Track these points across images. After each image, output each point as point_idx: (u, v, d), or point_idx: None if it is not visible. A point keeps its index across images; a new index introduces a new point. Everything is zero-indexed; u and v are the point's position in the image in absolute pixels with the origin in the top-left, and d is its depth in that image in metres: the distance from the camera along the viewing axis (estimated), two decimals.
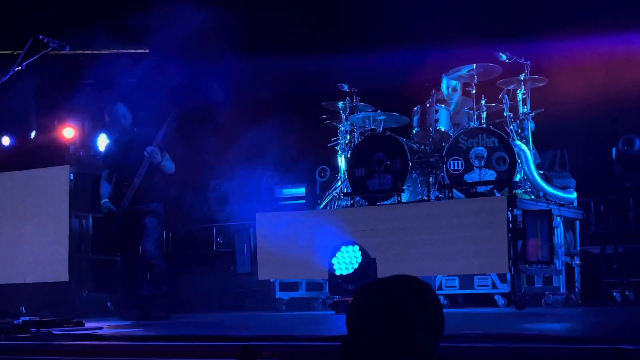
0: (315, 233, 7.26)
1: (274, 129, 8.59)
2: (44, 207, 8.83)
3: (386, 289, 2.05)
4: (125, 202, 7.02)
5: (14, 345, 4.34)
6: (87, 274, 8.99)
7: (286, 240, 7.50)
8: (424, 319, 2.01)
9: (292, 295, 7.93)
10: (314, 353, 3.50)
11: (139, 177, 6.97)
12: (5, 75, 5.60)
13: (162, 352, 3.95)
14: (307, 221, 7.54)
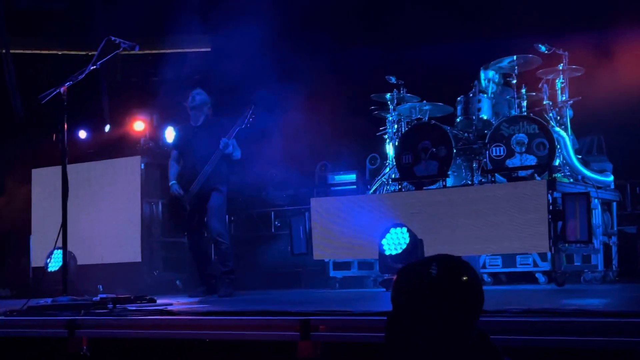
0: (365, 216, 7.27)
1: (326, 119, 8.60)
2: (118, 194, 9.00)
3: (426, 267, 2.05)
4: (195, 187, 7.02)
5: (93, 320, 4.42)
6: (158, 254, 9.12)
7: (339, 223, 7.51)
8: (462, 295, 2.00)
9: (345, 274, 7.95)
10: (367, 327, 3.51)
11: (211, 165, 6.96)
12: (82, 74, 5.66)
13: (227, 326, 3.98)
14: (358, 205, 7.54)
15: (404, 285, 2.04)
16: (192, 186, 7.03)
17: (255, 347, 3.90)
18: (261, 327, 3.82)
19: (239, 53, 8.65)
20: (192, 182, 7.04)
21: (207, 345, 4.06)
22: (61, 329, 4.33)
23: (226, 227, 7.24)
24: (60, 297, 5.20)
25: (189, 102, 7.22)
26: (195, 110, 7.22)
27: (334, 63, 9.27)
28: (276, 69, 9.00)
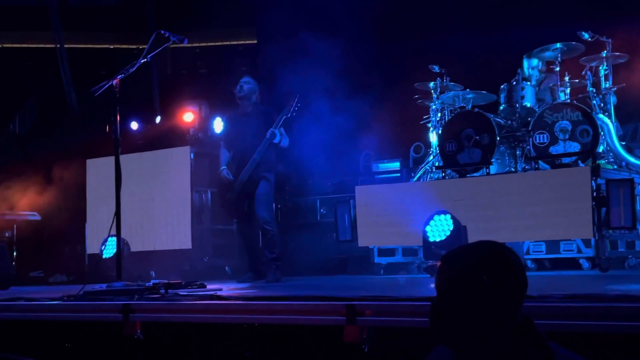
0: (409, 203, 7.24)
1: (370, 108, 8.57)
2: (168, 183, 9.11)
3: (470, 253, 2.04)
4: (244, 175, 7.07)
5: (146, 305, 4.48)
6: (208, 241, 9.20)
7: (383, 210, 7.50)
8: (506, 281, 1.99)
9: (389, 260, 7.94)
10: (411, 312, 3.51)
11: (259, 154, 7.01)
12: (133, 67, 5.73)
13: (275, 311, 4.02)
14: (402, 193, 7.52)
15: (448, 272, 2.04)
16: (241, 174, 7.08)
17: (302, 331, 3.92)
18: (308, 312, 3.84)
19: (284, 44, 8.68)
20: (241, 170, 7.09)
21: (255, 329, 4.10)
22: (116, 314, 4.41)
23: (273, 214, 7.27)
24: (115, 283, 5.29)
25: (238, 90, 7.26)
26: (244, 99, 7.26)
27: (378, 52, 9.23)
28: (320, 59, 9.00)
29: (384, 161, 8.74)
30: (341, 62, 8.76)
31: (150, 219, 9.06)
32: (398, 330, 3.57)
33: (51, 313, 4.84)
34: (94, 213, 9.63)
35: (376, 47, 9.30)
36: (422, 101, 8.41)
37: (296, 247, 8.94)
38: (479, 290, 1.96)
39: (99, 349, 4.68)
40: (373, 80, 9.25)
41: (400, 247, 7.92)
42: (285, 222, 9.50)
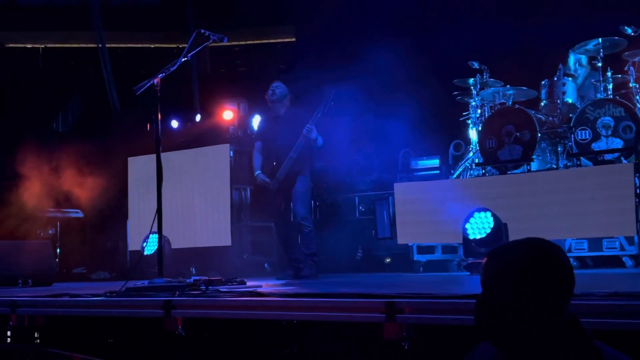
0: (449, 200, 7.20)
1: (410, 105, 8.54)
2: (208, 180, 9.18)
3: (517, 250, 2.02)
4: (281, 174, 7.10)
5: (187, 301, 4.52)
6: (247, 238, 9.25)
7: (423, 207, 7.47)
8: (554, 278, 1.97)
9: (428, 258, 7.90)
10: (451, 309, 3.48)
11: (295, 152, 7.02)
12: (174, 66, 5.77)
13: (314, 307, 4.02)
14: (441, 190, 7.48)
15: (494, 268, 2.02)
16: (278, 173, 7.11)
17: (341, 328, 3.92)
18: (347, 309, 3.84)
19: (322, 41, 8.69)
20: (277, 170, 7.12)
21: (294, 326, 4.11)
22: (158, 310, 4.45)
23: (310, 211, 7.29)
24: (156, 279, 5.34)
25: (269, 95, 7.32)
26: (276, 102, 7.31)
27: (416, 48, 9.18)
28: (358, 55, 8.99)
29: (423, 158, 8.70)
30: (379, 59, 8.74)
31: (190, 216, 9.15)
32: (438, 328, 3.56)
33: (94, 309, 4.90)
34: (136, 210, 9.75)
35: (415, 43, 9.25)
36: (462, 98, 8.36)
37: (334, 244, 8.93)
38: (526, 287, 1.94)
39: (141, 345, 4.74)
40: (411, 76, 9.21)
41: (440, 245, 7.88)
42: (323, 220, 9.50)
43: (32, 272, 7.61)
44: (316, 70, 8.47)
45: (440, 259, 8.00)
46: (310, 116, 7.03)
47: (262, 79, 8.80)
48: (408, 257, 7.94)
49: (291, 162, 7.05)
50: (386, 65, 8.77)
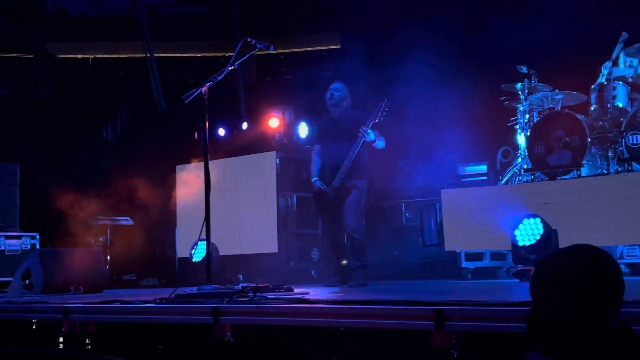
0: (497, 207, 7.12)
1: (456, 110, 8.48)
2: (255, 188, 9.25)
3: (565, 258, 1.98)
4: (338, 180, 7.06)
5: (236, 308, 4.55)
6: (293, 245, 9.28)
7: (470, 214, 7.40)
8: (603, 286, 1.93)
9: (477, 265, 7.82)
10: (501, 317, 3.45)
11: (349, 159, 7.01)
12: (221, 75, 5.83)
13: (362, 315, 4.02)
14: (489, 196, 7.41)
15: (542, 278, 1.99)
16: (334, 180, 7.08)
17: (389, 335, 3.91)
18: (395, 316, 3.83)
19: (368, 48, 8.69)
20: (333, 176, 7.09)
21: (342, 333, 4.11)
22: (207, 316, 4.49)
23: (362, 222, 7.22)
24: (205, 286, 5.39)
25: (328, 98, 7.28)
26: (334, 106, 7.28)
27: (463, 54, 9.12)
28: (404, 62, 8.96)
29: (470, 164, 8.62)
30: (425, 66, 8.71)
31: (237, 224, 9.22)
32: (488, 336, 3.52)
33: (144, 315, 4.97)
34: (184, 218, 9.86)
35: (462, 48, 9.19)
36: (510, 102, 8.26)
37: (381, 251, 8.91)
38: (575, 295, 1.91)
39: (190, 351, 4.79)
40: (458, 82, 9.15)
41: (488, 252, 7.80)
42: (369, 226, 9.46)
43: (83, 279, 7.74)
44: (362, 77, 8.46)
45: (489, 266, 7.92)
46: (365, 121, 7.00)
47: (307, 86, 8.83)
48: (456, 264, 7.88)
49: (346, 169, 7.01)
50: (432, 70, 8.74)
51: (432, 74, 8.83)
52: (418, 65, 8.68)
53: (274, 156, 9.18)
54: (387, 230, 9.41)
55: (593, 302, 1.91)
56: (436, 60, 8.73)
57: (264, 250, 8.99)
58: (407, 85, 8.59)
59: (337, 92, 7.23)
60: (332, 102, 7.24)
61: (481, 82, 9.00)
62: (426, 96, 8.79)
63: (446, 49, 9.01)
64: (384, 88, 7.82)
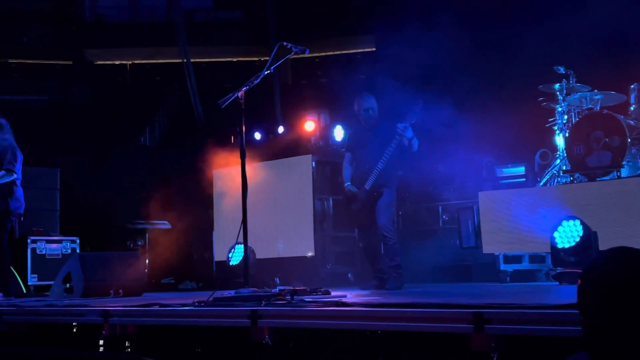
0: (536, 209, 7.06)
1: (493, 112, 8.42)
2: (291, 191, 9.27)
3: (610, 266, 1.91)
4: (369, 184, 7.09)
5: (273, 311, 4.56)
6: (330, 249, 9.28)
7: (508, 216, 7.34)
8: None
9: (515, 267, 7.74)
10: (541, 320, 3.41)
11: (383, 162, 7.00)
12: (257, 79, 5.85)
13: (399, 318, 4.00)
14: (528, 198, 7.33)
15: (593, 290, 1.91)
16: (366, 184, 7.10)
17: (427, 339, 3.89)
18: (434, 320, 3.80)
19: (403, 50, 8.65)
20: (365, 180, 7.11)
21: (379, 336, 4.10)
22: (245, 319, 4.50)
23: (394, 223, 7.24)
24: (243, 289, 5.41)
25: (356, 107, 7.31)
26: (363, 115, 7.29)
27: (500, 56, 9.05)
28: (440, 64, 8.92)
29: (508, 166, 8.55)
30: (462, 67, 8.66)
31: (274, 227, 9.25)
32: (528, 339, 3.49)
33: (183, 318, 5.01)
34: (221, 221, 9.93)
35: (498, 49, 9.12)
36: (548, 103, 8.18)
37: (418, 254, 8.87)
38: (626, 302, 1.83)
39: (228, 354, 4.81)
40: (495, 83, 9.08)
41: (527, 254, 7.72)
42: (406, 229, 9.45)
43: (123, 283, 7.82)
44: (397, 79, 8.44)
45: (528, 269, 7.83)
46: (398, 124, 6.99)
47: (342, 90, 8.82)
48: (494, 266, 7.81)
49: (378, 172, 7.02)
50: (468, 72, 8.69)
51: (468, 75, 8.78)
52: (453, 67, 8.64)
53: (310, 159, 9.20)
54: (424, 233, 9.36)
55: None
56: (472, 61, 8.68)
57: (301, 253, 9.01)
58: (442, 87, 8.55)
59: (365, 101, 7.24)
60: (361, 110, 7.26)
61: (518, 83, 8.91)
62: (462, 98, 8.74)
63: (482, 49, 8.96)
64: (420, 90, 7.78)
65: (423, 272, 8.64)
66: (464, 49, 8.67)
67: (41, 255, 10.22)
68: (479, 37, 9.10)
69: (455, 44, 8.62)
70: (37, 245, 10.20)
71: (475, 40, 9.07)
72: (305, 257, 8.98)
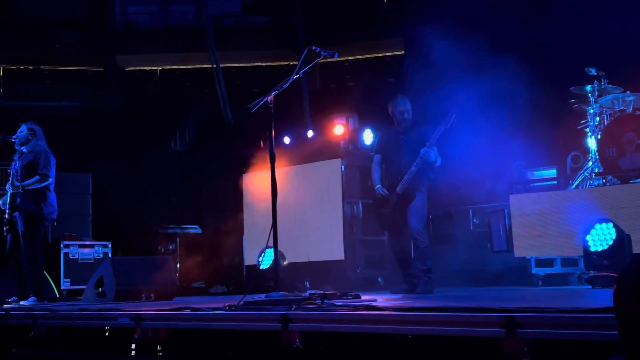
0: (568, 212, 6.99)
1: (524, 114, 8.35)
2: (321, 195, 9.27)
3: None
4: (401, 188, 7.05)
5: (304, 314, 4.55)
6: (360, 253, 9.25)
7: (540, 219, 7.28)
8: None
9: (547, 271, 7.67)
10: (574, 324, 3.37)
11: (415, 166, 6.97)
12: (286, 83, 5.86)
13: (431, 322, 3.97)
14: (560, 201, 7.26)
15: (629, 294, 1.88)
16: (397, 187, 7.07)
17: (458, 343, 3.86)
18: (465, 324, 3.78)
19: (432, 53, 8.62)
20: (396, 184, 7.07)
21: (409, 340, 4.08)
22: (275, 323, 4.51)
23: (426, 227, 7.19)
24: (273, 293, 5.42)
25: (391, 109, 7.28)
26: (397, 117, 7.26)
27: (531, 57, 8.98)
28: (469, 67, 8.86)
29: (539, 168, 8.48)
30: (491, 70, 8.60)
31: (303, 231, 9.26)
32: (561, 343, 3.45)
33: (215, 322, 5.03)
34: (251, 225, 9.96)
35: (529, 51, 9.05)
36: (579, 105, 8.10)
37: (448, 257, 8.82)
38: None
39: (259, 358, 4.82)
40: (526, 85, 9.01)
41: (559, 258, 7.64)
42: (436, 232, 9.41)
43: (154, 287, 7.88)
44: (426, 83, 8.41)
45: (560, 272, 7.76)
46: (433, 131, 6.94)
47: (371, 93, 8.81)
48: (526, 270, 7.75)
49: (411, 176, 6.98)
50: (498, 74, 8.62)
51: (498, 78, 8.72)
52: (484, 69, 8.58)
53: (339, 163, 9.19)
54: (455, 237, 9.31)
55: None
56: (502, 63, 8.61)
57: (330, 257, 9.00)
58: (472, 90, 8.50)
59: (398, 105, 7.20)
60: (394, 112, 7.22)
61: (549, 85, 8.84)
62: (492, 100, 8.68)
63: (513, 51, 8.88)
64: (450, 93, 7.75)
65: (453, 276, 8.60)
66: (494, 50, 8.60)
67: (74, 260, 10.36)
68: (509, 38, 9.04)
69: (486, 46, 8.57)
70: (69, 250, 10.34)
71: (506, 41, 9.00)
72: (335, 261, 8.98)
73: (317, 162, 9.50)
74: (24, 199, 7.72)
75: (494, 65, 8.49)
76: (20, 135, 7.95)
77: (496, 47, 8.70)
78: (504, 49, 8.76)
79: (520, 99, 8.63)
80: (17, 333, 6.28)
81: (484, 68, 8.55)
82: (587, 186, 7.67)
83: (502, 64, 8.54)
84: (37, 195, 7.77)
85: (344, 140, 9.70)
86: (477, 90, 8.34)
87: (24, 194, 7.72)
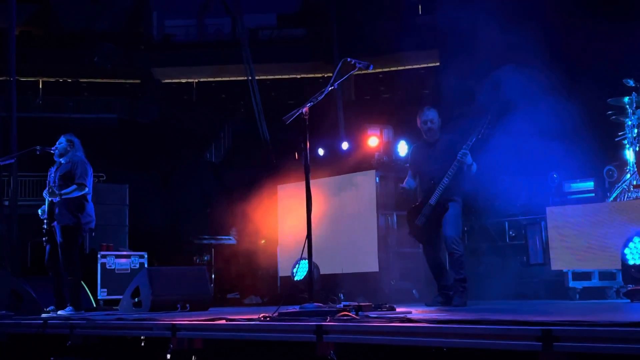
0: (606, 224, 6.91)
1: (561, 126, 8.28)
2: (355, 207, 9.28)
3: None
4: (434, 199, 7.03)
5: (339, 326, 4.56)
6: (394, 264, 9.23)
7: (578, 232, 7.20)
8: None
9: (585, 284, 7.58)
10: (613, 338, 3.33)
11: (448, 177, 6.92)
12: (321, 95, 5.88)
13: (466, 334, 3.95)
14: (597, 213, 7.18)
15: None
16: (430, 198, 7.04)
17: (494, 356, 3.84)
18: (501, 337, 3.75)
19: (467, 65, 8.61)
20: (430, 196, 7.05)
21: (445, 353, 4.06)
22: (310, 334, 4.52)
23: (460, 235, 7.15)
24: (307, 304, 5.43)
25: (420, 122, 7.26)
26: (422, 128, 7.25)
27: (567, 69, 8.91)
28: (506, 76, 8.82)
29: (576, 180, 8.38)
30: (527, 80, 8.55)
31: (337, 243, 9.26)
32: (598, 357, 3.41)
33: (250, 333, 5.05)
34: (285, 237, 9.99)
35: (566, 63, 8.98)
36: (617, 117, 8.01)
37: (484, 270, 8.76)
38: None
39: None
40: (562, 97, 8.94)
41: (597, 271, 7.55)
42: (472, 245, 9.34)
43: (189, 297, 7.93)
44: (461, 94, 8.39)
45: (598, 286, 7.66)
46: (465, 141, 6.92)
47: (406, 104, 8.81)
48: (563, 283, 7.66)
49: (443, 187, 6.96)
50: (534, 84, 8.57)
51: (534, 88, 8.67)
52: (519, 80, 8.53)
53: (374, 175, 9.20)
54: (490, 249, 9.24)
55: None
56: (538, 73, 8.56)
57: (365, 269, 9.00)
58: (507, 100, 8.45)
59: (433, 124, 7.18)
60: (431, 134, 7.20)
61: (587, 96, 8.76)
62: (528, 111, 8.62)
63: (549, 62, 8.83)
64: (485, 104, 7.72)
65: (489, 288, 8.52)
66: (529, 61, 8.56)
67: (110, 270, 10.48)
68: (545, 50, 8.97)
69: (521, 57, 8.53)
70: (106, 260, 10.47)
71: (541, 52, 8.94)
72: (369, 273, 8.96)
73: (351, 174, 9.52)
74: (62, 209, 7.84)
75: (530, 75, 8.45)
76: (60, 146, 8.09)
77: (533, 57, 8.66)
78: (540, 59, 8.72)
79: (557, 109, 8.56)
80: (54, 342, 6.36)
81: (519, 79, 8.51)
82: (625, 199, 7.58)
83: (538, 73, 8.49)
84: (75, 205, 7.89)
85: (379, 151, 9.70)
86: (512, 101, 8.30)
87: (62, 204, 7.84)
